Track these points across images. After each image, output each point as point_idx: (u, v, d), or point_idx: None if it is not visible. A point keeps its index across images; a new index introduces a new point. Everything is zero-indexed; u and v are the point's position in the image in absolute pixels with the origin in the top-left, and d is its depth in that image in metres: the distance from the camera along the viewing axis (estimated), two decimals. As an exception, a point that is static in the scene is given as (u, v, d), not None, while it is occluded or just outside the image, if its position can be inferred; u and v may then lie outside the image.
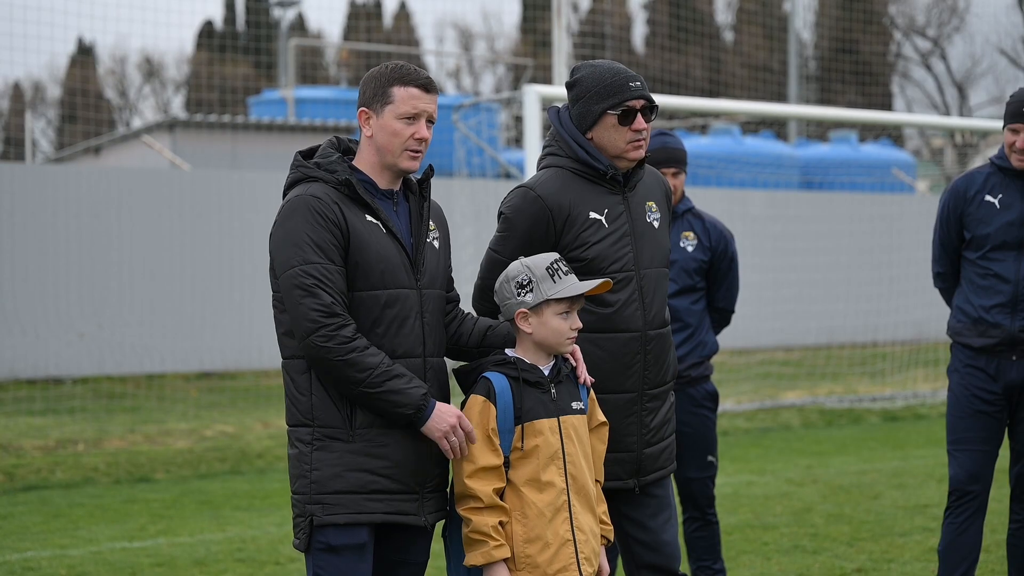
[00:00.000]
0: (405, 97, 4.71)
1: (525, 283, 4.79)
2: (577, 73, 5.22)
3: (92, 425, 14.95)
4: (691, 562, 7.12)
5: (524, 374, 4.74)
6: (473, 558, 4.65)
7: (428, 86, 4.74)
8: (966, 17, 53.74)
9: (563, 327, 4.76)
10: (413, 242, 4.75)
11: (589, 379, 4.92)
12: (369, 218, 4.67)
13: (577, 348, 4.91)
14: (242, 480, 12.05)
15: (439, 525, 4.88)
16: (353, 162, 4.80)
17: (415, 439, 4.67)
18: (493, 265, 5.11)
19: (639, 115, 5.12)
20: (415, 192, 4.85)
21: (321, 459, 4.62)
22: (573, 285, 4.76)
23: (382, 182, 4.77)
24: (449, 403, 4.86)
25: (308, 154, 4.83)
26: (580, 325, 4.80)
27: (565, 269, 4.79)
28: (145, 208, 18.98)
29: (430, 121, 4.74)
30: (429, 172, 4.88)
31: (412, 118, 4.71)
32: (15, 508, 10.73)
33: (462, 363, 4.93)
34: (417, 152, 4.73)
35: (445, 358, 4.93)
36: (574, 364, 4.89)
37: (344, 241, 4.60)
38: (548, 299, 4.75)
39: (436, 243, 4.85)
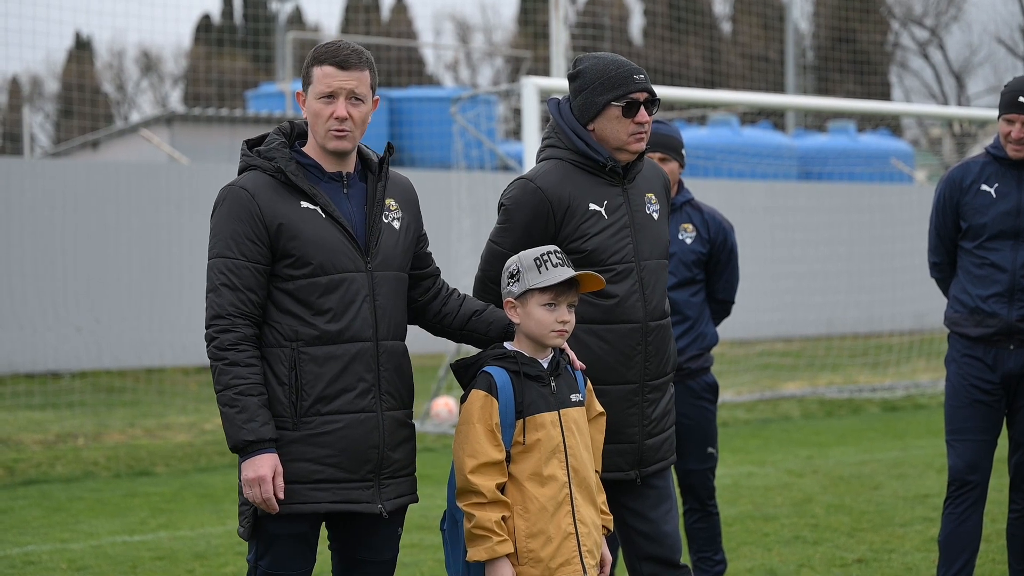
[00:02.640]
0: (320, 76, 4.67)
1: (514, 273, 4.80)
2: (580, 65, 5.21)
3: (92, 419, 14.96)
4: (692, 553, 7.12)
5: (524, 368, 4.72)
6: (476, 554, 4.64)
7: (344, 63, 4.66)
8: (964, 6, 53.74)
9: (547, 319, 4.74)
10: (367, 223, 4.72)
11: (580, 364, 4.91)
12: (305, 204, 4.65)
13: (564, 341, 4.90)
14: (242, 474, 12.04)
15: (437, 520, 4.87)
16: (304, 147, 4.78)
17: (365, 425, 4.64)
18: (493, 257, 5.10)
19: (642, 107, 5.13)
20: (374, 172, 4.82)
21: None
22: (553, 275, 4.73)
23: (328, 165, 4.75)
24: (412, 387, 4.84)
25: (257, 142, 4.82)
26: (568, 318, 4.77)
27: (556, 261, 4.75)
28: (143, 202, 18.98)
29: (357, 99, 4.67)
30: (388, 151, 4.85)
31: (329, 96, 4.66)
32: (15, 502, 10.73)
33: (460, 358, 4.91)
34: (341, 131, 4.67)
35: (450, 347, 4.91)
36: (570, 357, 4.88)
37: (267, 234, 4.59)
38: (531, 289, 4.74)
39: (396, 223, 4.80)
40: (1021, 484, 6.75)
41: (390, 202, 4.81)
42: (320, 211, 4.65)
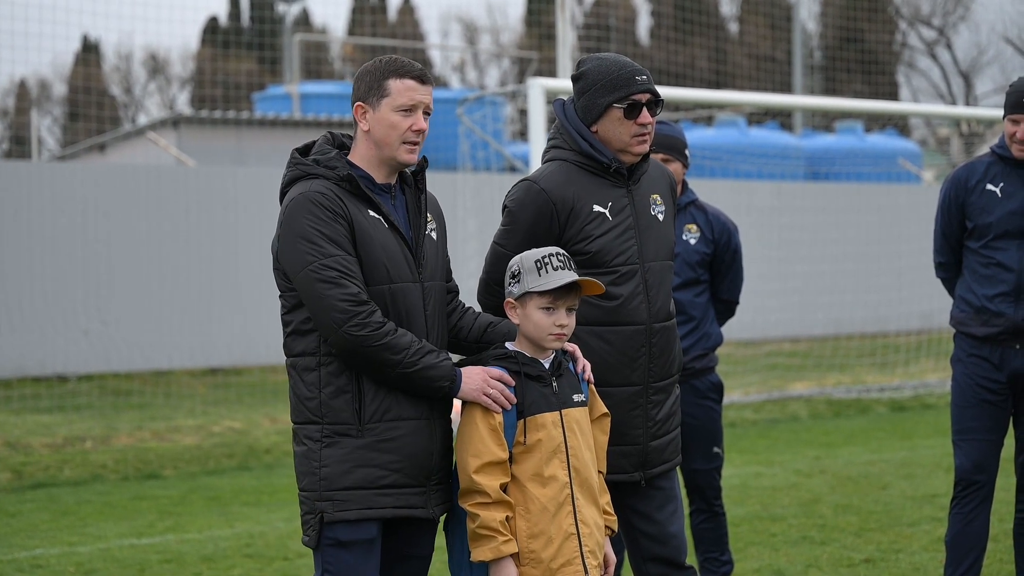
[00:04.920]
0: (401, 89, 4.70)
1: (515, 274, 4.78)
2: (583, 66, 5.19)
3: (100, 422, 14.97)
4: (698, 554, 7.11)
5: (525, 368, 4.71)
6: (481, 553, 4.63)
7: (423, 77, 4.75)
8: (971, 6, 53.72)
9: (544, 322, 4.71)
10: (413, 235, 4.75)
11: (590, 376, 4.89)
12: (372, 213, 4.66)
13: (575, 346, 4.89)
14: (250, 476, 12.07)
15: (441, 520, 4.88)
16: (348, 157, 4.78)
17: (423, 432, 4.67)
18: (497, 259, 5.09)
19: (644, 109, 5.11)
20: (411, 185, 4.84)
21: (330, 456, 4.61)
22: (552, 279, 4.70)
23: (379, 176, 4.76)
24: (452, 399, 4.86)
25: (304, 151, 4.81)
26: (566, 322, 4.73)
27: (557, 264, 4.72)
28: (150, 205, 19.00)
29: (426, 113, 4.75)
30: (423, 164, 4.87)
31: (409, 110, 4.70)
32: (24, 506, 10.74)
33: (462, 357, 4.91)
34: (415, 144, 4.72)
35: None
36: (574, 360, 4.86)
37: (351, 235, 4.60)
38: (529, 291, 4.73)
39: (434, 235, 4.84)
40: (1028, 484, 6.74)
41: (427, 215, 4.86)
42: (383, 221, 4.68)
